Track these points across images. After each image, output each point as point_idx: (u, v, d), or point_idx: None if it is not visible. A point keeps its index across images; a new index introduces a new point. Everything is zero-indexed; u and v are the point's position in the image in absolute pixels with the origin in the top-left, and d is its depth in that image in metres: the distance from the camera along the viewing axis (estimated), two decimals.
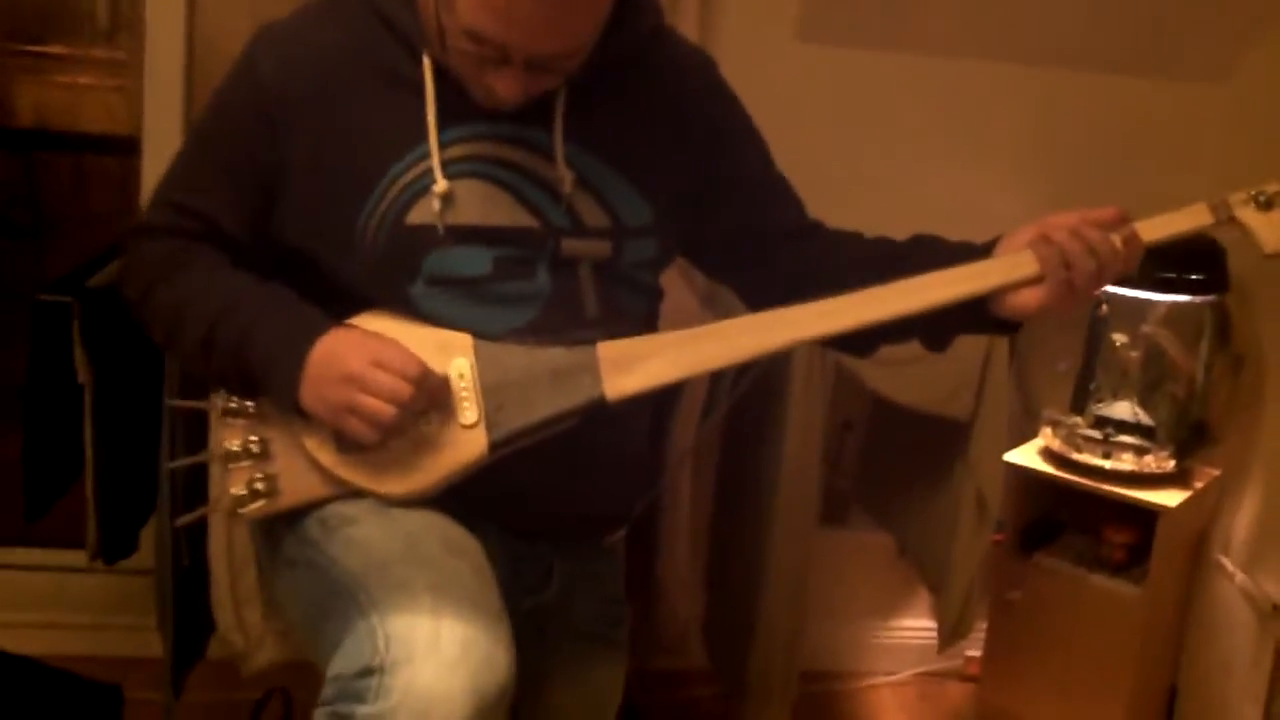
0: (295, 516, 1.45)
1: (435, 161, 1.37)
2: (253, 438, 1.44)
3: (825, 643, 2.89)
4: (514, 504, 1.47)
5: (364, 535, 1.37)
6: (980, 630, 2.67)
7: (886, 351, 1.55)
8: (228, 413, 1.43)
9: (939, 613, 2.58)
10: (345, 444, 1.41)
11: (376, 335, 1.36)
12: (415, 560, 1.31)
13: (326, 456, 1.41)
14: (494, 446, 1.39)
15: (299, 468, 1.43)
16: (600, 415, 1.41)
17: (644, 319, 1.50)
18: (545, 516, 1.52)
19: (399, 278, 1.41)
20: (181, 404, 1.57)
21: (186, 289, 1.43)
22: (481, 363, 1.41)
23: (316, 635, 1.34)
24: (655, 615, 2.48)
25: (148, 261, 1.46)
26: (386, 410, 1.32)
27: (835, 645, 2.93)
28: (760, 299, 1.49)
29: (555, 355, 1.41)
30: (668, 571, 2.48)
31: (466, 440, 1.40)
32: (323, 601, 1.35)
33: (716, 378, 2.24)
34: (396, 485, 1.40)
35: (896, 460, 2.63)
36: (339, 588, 1.33)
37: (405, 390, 1.31)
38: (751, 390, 1.79)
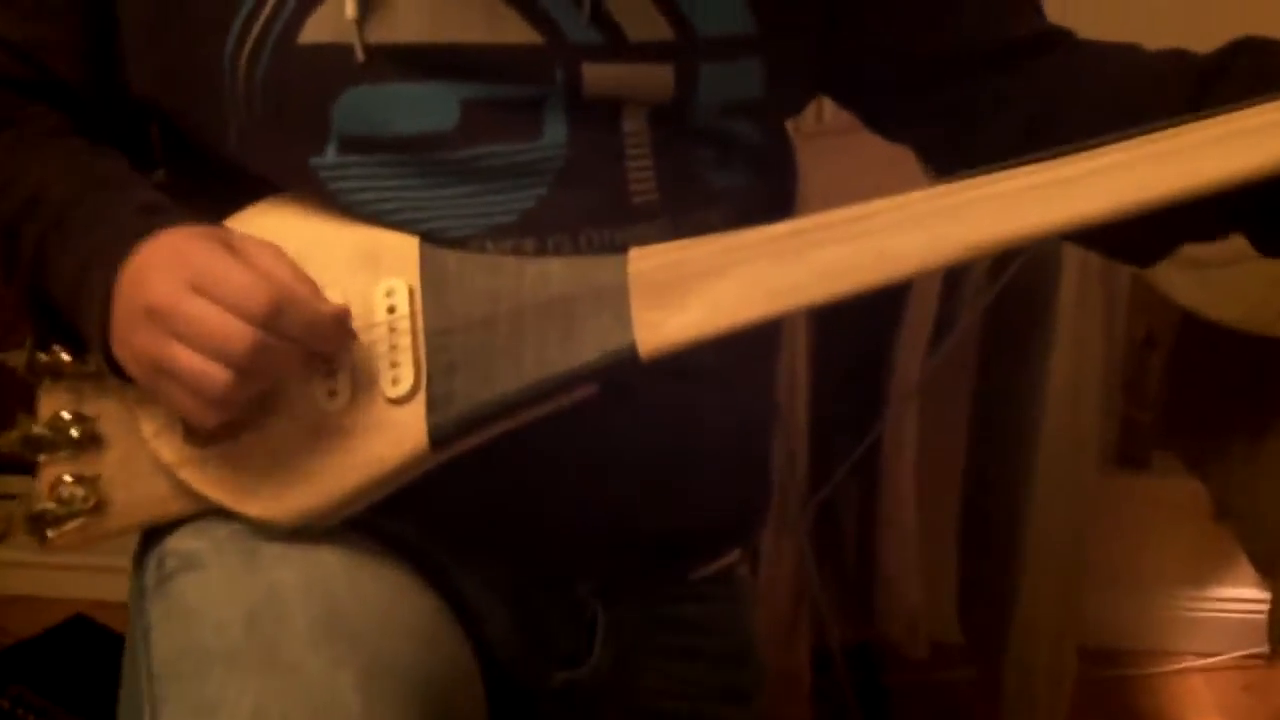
0: (150, 541, 0.88)
1: None
2: (66, 414, 0.84)
3: (1114, 615, 2.40)
4: (518, 522, 0.89)
5: (197, 595, 0.80)
6: None
7: (1191, 250, 0.88)
8: (38, 369, 0.83)
9: (1273, 604, 2.06)
10: (193, 428, 0.83)
11: (220, 238, 0.78)
12: (256, 654, 0.74)
13: (169, 449, 0.84)
14: (439, 439, 0.78)
15: (136, 467, 0.87)
16: (630, 378, 0.80)
17: (749, 210, 0.86)
18: (577, 542, 0.92)
19: (296, 139, 0.84)
20: None
21: None
22: (428, 288, 0.82)
23: None
24: (874, 602, 2.03)
25: None
26: (209, 372, 0.74)
27: (1128, 619, 2.44)
28: (958, 160, 0.81)
29: (555, 275, 0.81)
30: (889, 544, 1.99)
31: (392, 425, 0.81)
32: (124, 710, 0.81)
33: (953, 280, 1.75)
34: (272, 503, 0.82)
35: (1214, 390, 2.04)
36: (135, 692, 0.80)
37: (241, 335, 0.74)
38: (1009, 293, 1.50)
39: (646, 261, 0.78)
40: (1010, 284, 1.79)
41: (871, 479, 1.96)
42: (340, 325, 0.79)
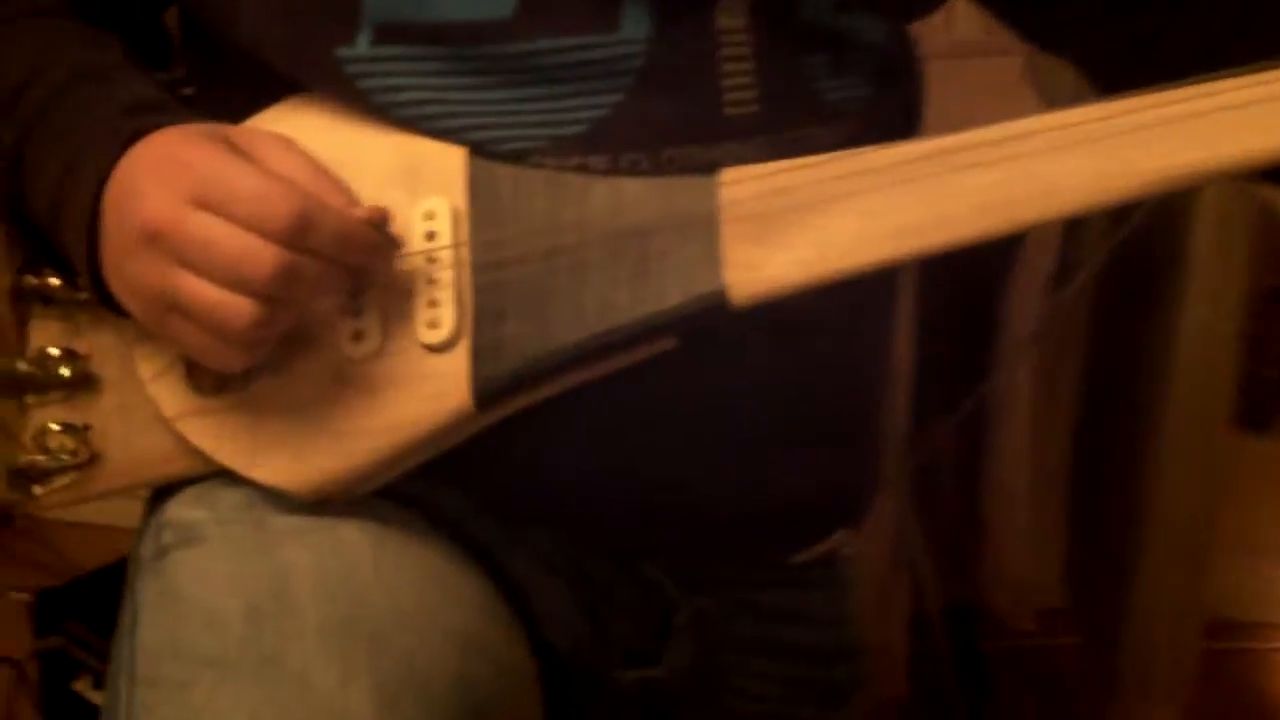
0: (156, 503, 0.76)
1: None
2: (55, 350, 0.70)
3: (1247, 585, 2.25)
4: (574, 491, 0.75)
5: (192, 579, 0.68)
6: None
7: None
8: (25, 293, 0.70)
9: None
10: (198, 373, 0.70)
11: (224, 137, 0.65)
12: (255, 658, 0.62)
13: (169, 396, 0.71)
14: (486, 396, 0.64)
15: (135, 416, 0.74)
16: (718, 330, 0.67)
17: (867, 129, 0.70)
18: (643, 516, 0.77)
19: (319, 25, 0.69)
20: None
21: None
22: (476, 211, 0.68)
23: None
24: (976, 567, 1.90)
25: None
26: (230, 304, 0.61)
27: (1245, 589, 2.27)
28: (1131, 79, 0.62)
29: (629, 200, 0.66)
30: (997, 509, 1.86)
31: (429, 378, 0.67)
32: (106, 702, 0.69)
33: (1074, 224, 1.60)
34: (286, 467, 0.68)
35: None
36: (114, 691, 0.68)
37: (263, 256, 0.60)
38: (1133, 241, 1.40)
39: (742, 187, 0.63)
40: (1138, 228, 1.62)
41: (977, 435, 1.82)
42: (381, 232, 0.64)
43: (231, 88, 0.75)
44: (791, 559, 0.85)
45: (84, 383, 0.74)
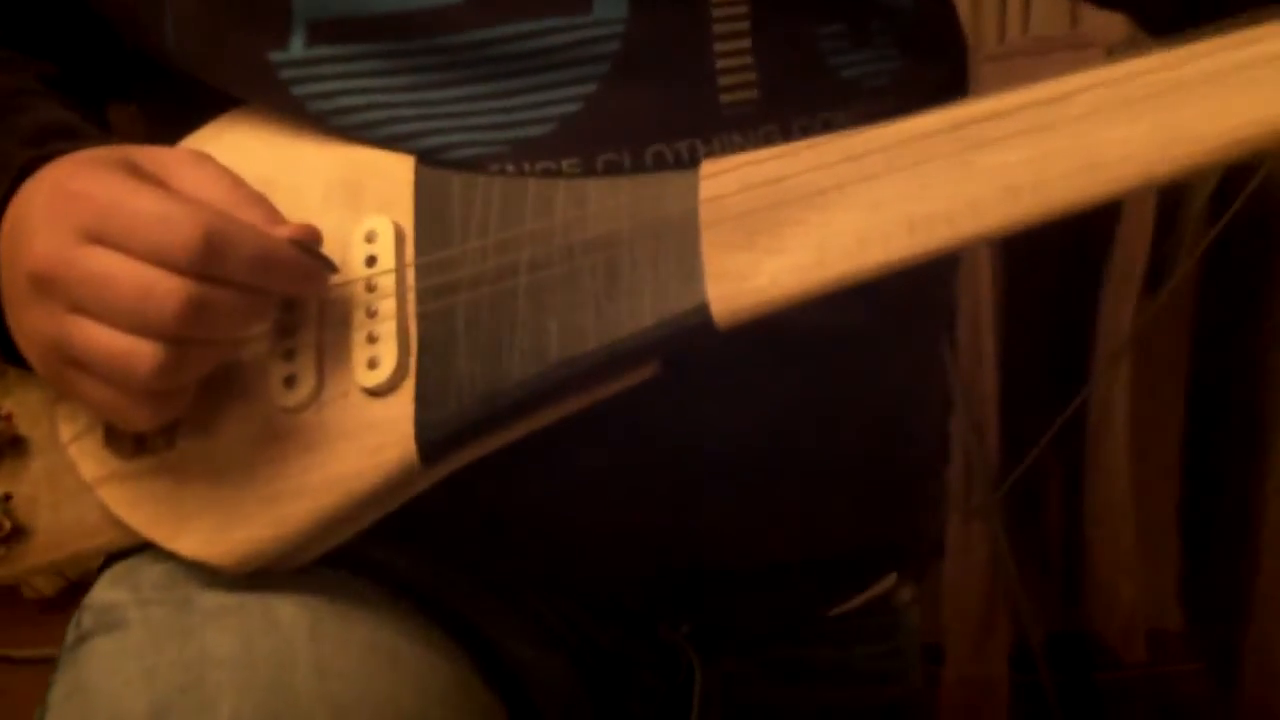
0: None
1: None
2: None
3: None
4: (562, 547, 0.65)
5: (103, 671, 0.57)
6: None
7: None
8: None
9: None
10: (117, 433, 0.61)
11: (125, 161, 0.55)
12: None
13: (89, 459, 0.62)
14: (432, 447, 0.53)
15: (65, 483, 0.64)
16: (709, 353, 0.55)
17: (896, 110, 0.55)
18: (659, 575, 0.67)
19: (248, 28, 0.60)
20: None
21: None
22: (423, 229, 0.58)
23: None
24: (1083, 594, 1.76)
25: None
26: (129, 351, 0.52)
27: None
28: (1179, 22, 0.50)
29: (596, 205, 0.55)
30: (1098, 532, 1.71)
31: (369, 427, 0.57)
32: None
33: (1169, 212, 1.48)
34: (211, 537, 0.59)
35: None
36: None
37: (165, 290, 0.51)
38: (1235, 229, 1.28)
39: (725, 179, 0.52)
40: (1237, 218, 1.48)
41: (1077, 452, 1.70)
42: (310, 256, 0.55)
43: (174, 105, 0.66)
44: (829, 611, 0.73)
45: (11, 446, 0.65)
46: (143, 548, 0.62)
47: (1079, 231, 1.64)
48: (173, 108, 0.66)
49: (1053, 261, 1.65)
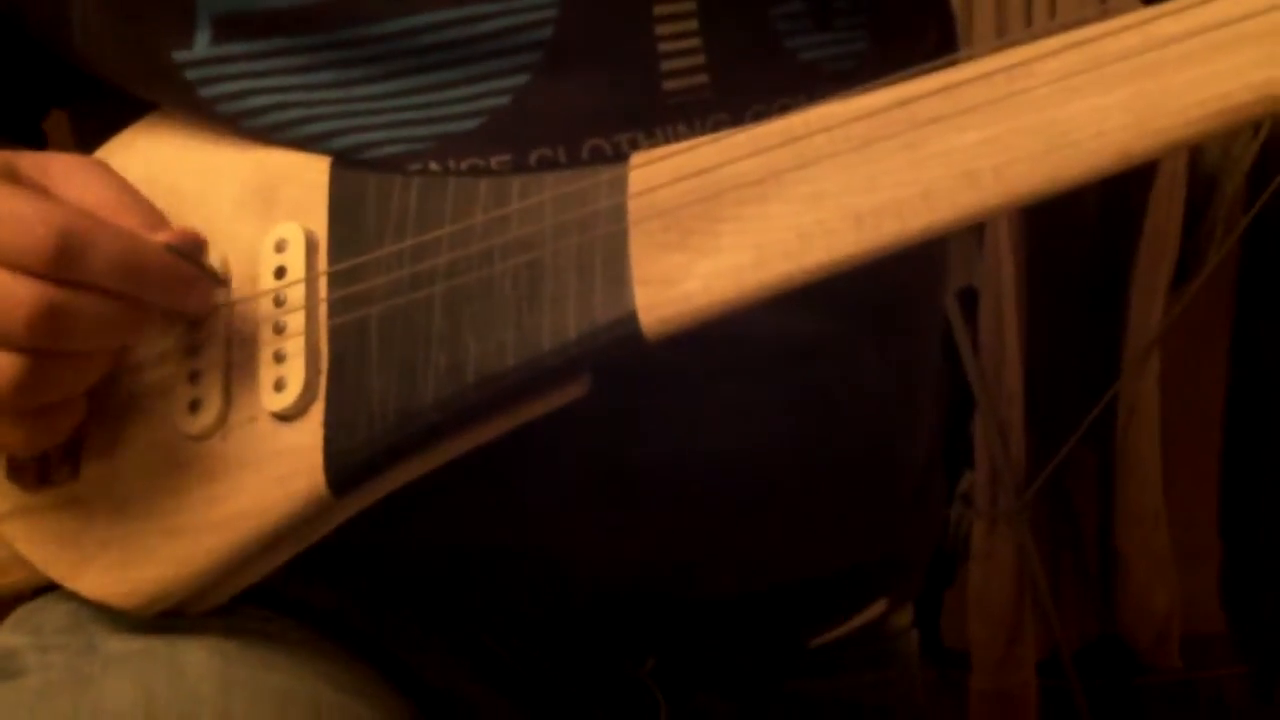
0: None
1: None
2: None
3: None
4: (507, 577, 0.60)
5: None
6: None
7: None
8: None
9: None
10: (19, 465, 0.57)
11: (17, 168, 0.50)
12: None
13: None
14: (343, 476, 0.48)
15: None
16: (644, 367, 0.51)
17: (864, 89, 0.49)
18: (617, 608, 0.62)
19: (151, 26, 0.55)
20: None
21: None
22: (337, 236, 0.53)
23: None
24: (1120, 605, 1.70)
25: None
26: None
27: None
28: None
29: (521, 201, 0.50)
30: (1130, 535, 1.64)
31: (276, 455, 0.52)
32: None
33: (1199, 201, 1.43)
34: (112, 575, 0.54)
35: None
36: None
37: (16, 295, 0.46)
38: (1270, 217, 1.24)
39: (657, 169, 0.46)
40: (1273, 203, 1.41)
41: (1107, 453, 1.65)
42: (190, 264, 0.50)
43: (100, 111, 0.61)
44: (812, 641, 0.67)
45: None
46: (53, 586, 0.57)
47: (1105, 219, 1.57)
48: (98, 113, 0.62)
49: (1078, 254, 1.59)
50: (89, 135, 0.64)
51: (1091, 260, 1.57)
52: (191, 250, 0.50)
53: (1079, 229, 1.54)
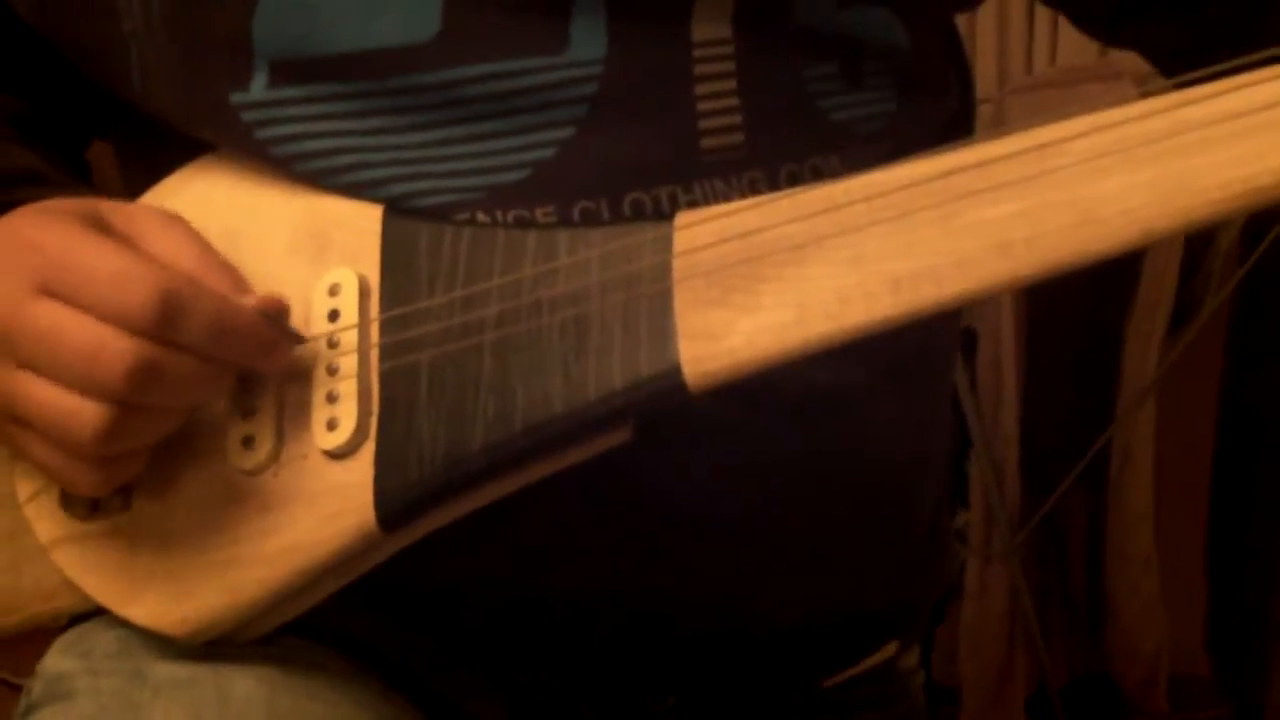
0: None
1: None
2: None
3: None
4: (537, 617, 0.63)
5: None
6: None
7: None
8: None
9: None
10: (71, 493, 0.57)
11: (89, 214, 0.53)
12: None
13: (44, 521, 0.59)
14: (392, 513, 0.51)
15: (24, 545, 0.61)
16: (684, 416, 0.53)
17: (892, 155, 0.52)
18: (644, 646, 0.64)
19: (209, 68, 0.57)
20: None
21: None
22: (389, 283, 0.55)
23: None
24: (1109, 646, 1.73)
25: None
26: (73, 411, 0.49)
27: None
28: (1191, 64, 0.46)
29: (569, 255, 0.52)
30: (1120, 577, 1.68)
31: (328, 492, 0.54)
32: None
33: (1195, 252, 1.46)
34: (165, 604, 0.56)
35: None
36: None
37: (116, 350, 0.48)
38: (1265, 268, 1.14)
39: (702, 231, 0.49)
40: (1268, 254, 1.45)
41: (1100, 496, 1.67)
42: (276, 328, 0.52)
43: (146, 145, 0.64)
44: (825, 681, 0.69)
45: None
46: (99, 612, 0.59)
47: (1103, 268, 1.60)
48: (145, 147, 0.64)
49: (1076, 299, 1.61)
50: (134, 167, 0.66)
51: (1089, 306, 1.59)
52: (278, 315, 0.52)
53: (1077, 275, 1.56)
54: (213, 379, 0.51)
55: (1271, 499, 1.69)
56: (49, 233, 0.51)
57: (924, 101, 0.63)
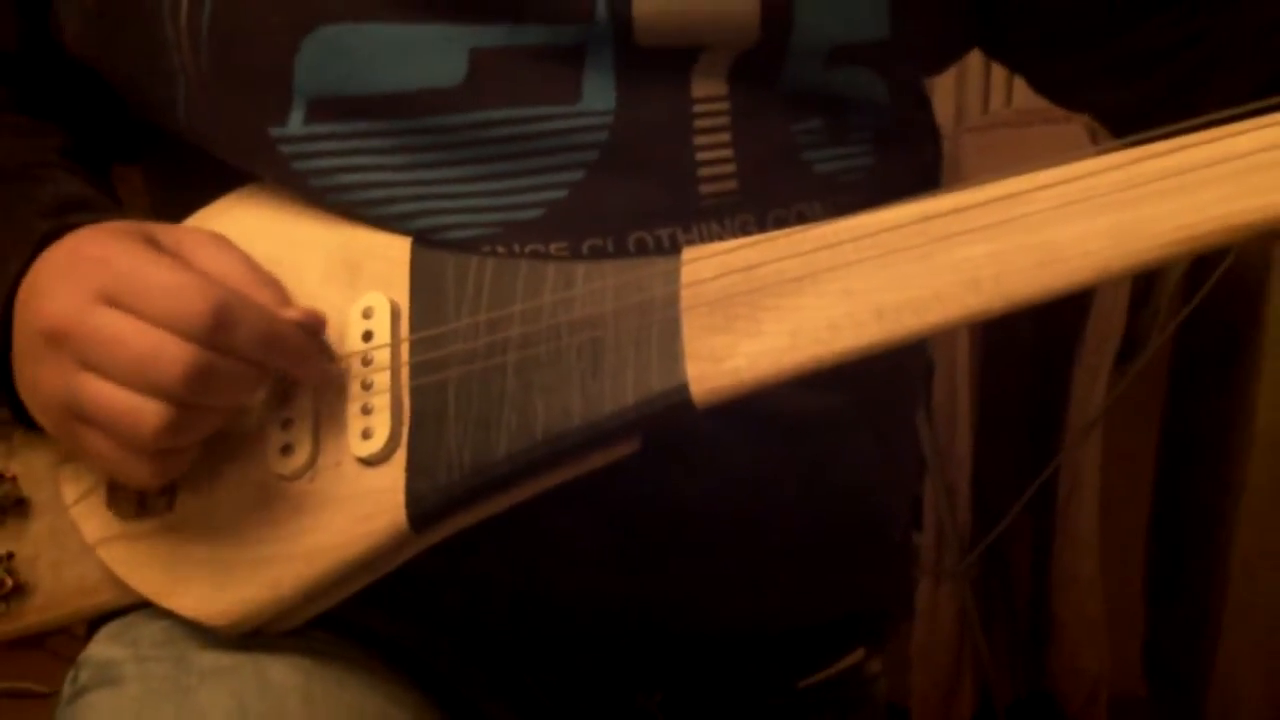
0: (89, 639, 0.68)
1: None
2: None
3: None
4: (542, 615, 0.68)
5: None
6: None
7: None
8: None
9: None
10: (119, 495, 0.63)
11: (144, 234, 0.58)
12: None
13: (91, 520, 0.64)
14: (422, 514, 0.57)
15: (67, 543, 0.67)
16: (689, 429, 0.60)
17: (868, 204, 0.58)
18: (638, 644, 0.70)
19: (251, 103, 0.62)
20: None
21: None
22: (419, 307, 0.60)
23: None
24: (1053, 666, 1.76)
25: None
26: (135, 409, 0.54)
27: None
28: (1142, 124, 0.53)
29: (585, 285, 0.58)
30: (1066, 600, 1.71)
31: (362, 495, 0.59)
32: None
33: (1143, 289, 1.51)
34: (207, 597, 0.61)
35: None
36: None
37: (175, 354, 0.53)
38: (1208, 306, 1.31)
39: (706, 265, 0.55)
40: (1210, 295, 1.51)
41: (1047, 521, 1.70)
42: (313, 339, 0.58)
43: (178, 171, 0.69)
44: (800, 683, 0.75)
45: (15, 506, 0.68)
46: (138, 605, 0.63)
47: (1054, 305, 1.66)
48: (176, 173, 0.69)
49: (1029, 332, 1.67)
50: (163, 190, 0.71)
51: (1040, 339, 1.65)
52: (318, 327, 0.58)
53: (1031, 310, 1.62)
54: (256, 381, 0.57)
55: (1207, 527, 1.72)
56: (110, 249, 0.56)
57: (897, 156, 0.70)
